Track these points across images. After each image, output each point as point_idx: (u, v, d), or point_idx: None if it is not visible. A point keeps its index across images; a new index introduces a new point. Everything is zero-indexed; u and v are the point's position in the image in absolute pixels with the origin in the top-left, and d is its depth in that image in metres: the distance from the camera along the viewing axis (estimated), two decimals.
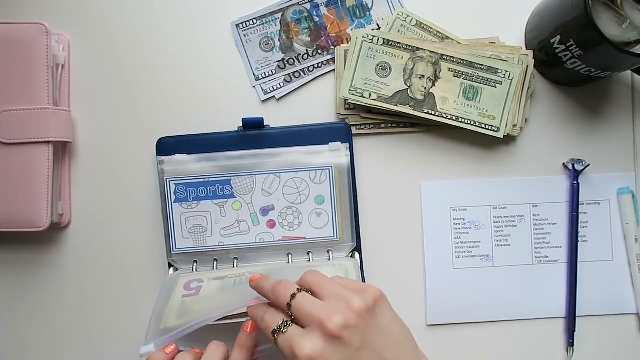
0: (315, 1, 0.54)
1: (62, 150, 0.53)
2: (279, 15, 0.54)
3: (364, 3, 0.55)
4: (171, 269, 0.52)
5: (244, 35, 0.54)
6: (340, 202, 0.52)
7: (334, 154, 0.52)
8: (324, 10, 0.54)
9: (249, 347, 0.40)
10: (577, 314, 0.53)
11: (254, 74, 0.54)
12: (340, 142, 0.52)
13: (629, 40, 0.47)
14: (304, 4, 0.54)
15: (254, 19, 0.54)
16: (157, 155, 0.52)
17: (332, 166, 0.52)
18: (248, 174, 0.52)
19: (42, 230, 0.50)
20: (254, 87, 0.54)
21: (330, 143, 0.52)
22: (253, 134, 0.52)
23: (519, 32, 0.55)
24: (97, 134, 0.54)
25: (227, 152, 0.52)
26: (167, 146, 0.52)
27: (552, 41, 0.50)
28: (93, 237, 0.53)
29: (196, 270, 0.52)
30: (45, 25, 0.50)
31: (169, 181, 0.51)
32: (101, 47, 0.54)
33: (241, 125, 0.52)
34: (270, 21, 0.54)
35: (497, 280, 0.54)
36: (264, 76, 0.54)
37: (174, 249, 0.51)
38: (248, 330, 0.41)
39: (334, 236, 0.52)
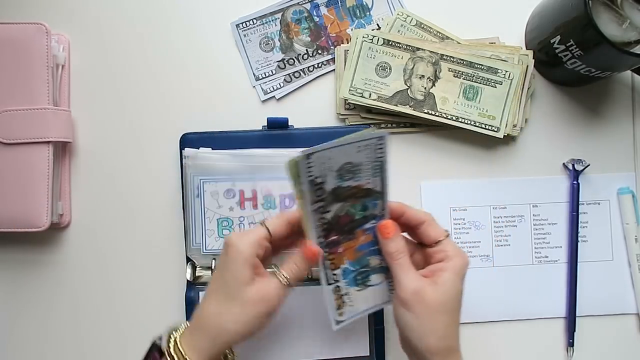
0: (315, 1, 0.54)
1: (62, 150, 0.53)
2: (279, 15, 0.54)
3: (364, 3, 0.55)
4: (189, 264, 0.52)
5: (244, 35, 0.54)
6: None
7: None
8: (324, 10, 0.54)
9: (302, 274, 0.42)
10: (577, 314, 0.53)
11: (254, 74, 0.54)
12: None
13: (629, 40, 0.47)
14: (304, 4, 0.54)
15: (254, 19, 0.54)
16: (181, 149, 0.51)
17: None
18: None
19: (42, 230, 0.50)
20: (254, 87, 0.54)
21: None
22: (277, 134, 0.52)
23: (519, 32, 0.55)
24: (96, 134, 0.54)
25: (253, 150, 0.51)
26: (190, 141, 0.51)
27: (552, 41, 0.50)
28: (93, 237, 0.53)
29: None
30: (45, 25, 0.50)
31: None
32: (101, 47, 0.54)
33: (265, 124, 0.52)
34: (270, 21, 0.54)
35: (497, 280, 0.54)
36: (264, 76, 0.54)
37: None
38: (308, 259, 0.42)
39: None
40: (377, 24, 0.54)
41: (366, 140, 0.39)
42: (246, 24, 0.54)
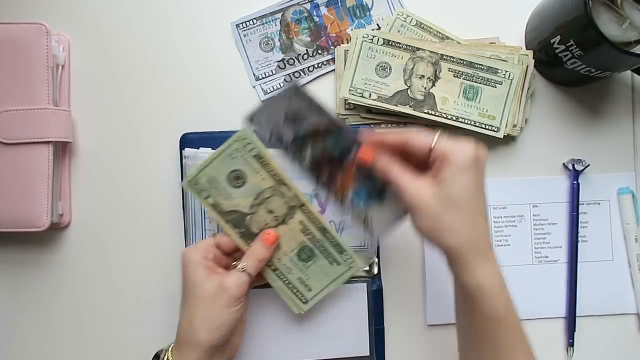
0: (315, 1, 0.54)
1: (62, 150, 0.53)
2: (279, 15, 0.54)
3: (364, 3, 0.55)
4: None
5: (244, 35, 0.54)
6: None
7: None
8: (324, 10, 0.54)
9: (262, 261, 0.45)
10: (577, 314, 0.53)
11: (254, 74, 0.54)
12: None
13: (629, 40, 0.47)
14: (304, 4, 0.54)
15: (254, 19, 0.54)
16: (181, 149, 0.52)
17: None
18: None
19: (42, 230, 0.50)
20: (254, 87, 0.54)
21: None
22: None
23: (519, 32, 0.55)
24: (96, 134, 0.54)
25: None
26: (190, 141, 0.51)
27: (552, 41, 0.50)
28: (93, 237, 0.53)
29: None
30: (45, 25, 0.50)
31: None
32: (101, 47, 0.54)
33: None
34: (270, 21, 0.54)
35: None
36: (264, 76, 0.54)
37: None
38: (268, 243, 0.45)
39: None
40: (377, 24, 0.54)
41: (285, 92, 0.42)
42: (246, 24, 0.54)
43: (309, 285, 0.47)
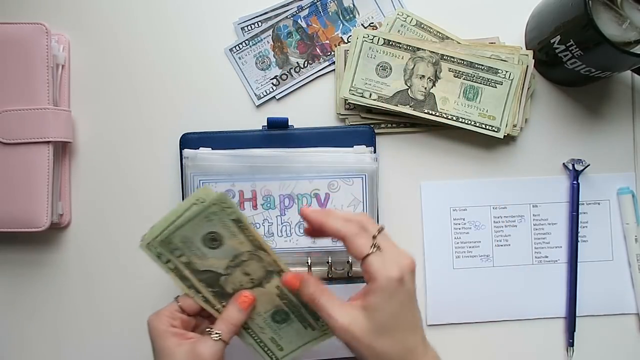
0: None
1: (62, 150, 0.53)
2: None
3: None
4: None
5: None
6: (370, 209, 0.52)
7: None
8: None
9: (237, 325, 0.42)
10: (577, 314, 0.53)
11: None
12: (365, 146, 0.52)
13: (629, 40, 0.47)
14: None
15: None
16: (181, 149, 0.52)
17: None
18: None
19: (42, 230, 0.50)
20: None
21: (355, 146, 0.52)
22: (277, 134, 0.52)
23: (519, 32, 0.55)
24: (97, 134, 0.54)
25: (253, 150, 0.51)
26: (190, 141, 0.51)
27: (552, 41, 0.50)
28: (93, 237, 0.53)
29: None
30: (45, 25, 0.50)
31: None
32: (101, 47, 0.54)
33: (265, 124, 0.52)
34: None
35: (497, 280, 0.54)
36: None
37: None
38: (244, 307, 0.42)
39: None
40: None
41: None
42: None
43: (281, 345, 0.45)
